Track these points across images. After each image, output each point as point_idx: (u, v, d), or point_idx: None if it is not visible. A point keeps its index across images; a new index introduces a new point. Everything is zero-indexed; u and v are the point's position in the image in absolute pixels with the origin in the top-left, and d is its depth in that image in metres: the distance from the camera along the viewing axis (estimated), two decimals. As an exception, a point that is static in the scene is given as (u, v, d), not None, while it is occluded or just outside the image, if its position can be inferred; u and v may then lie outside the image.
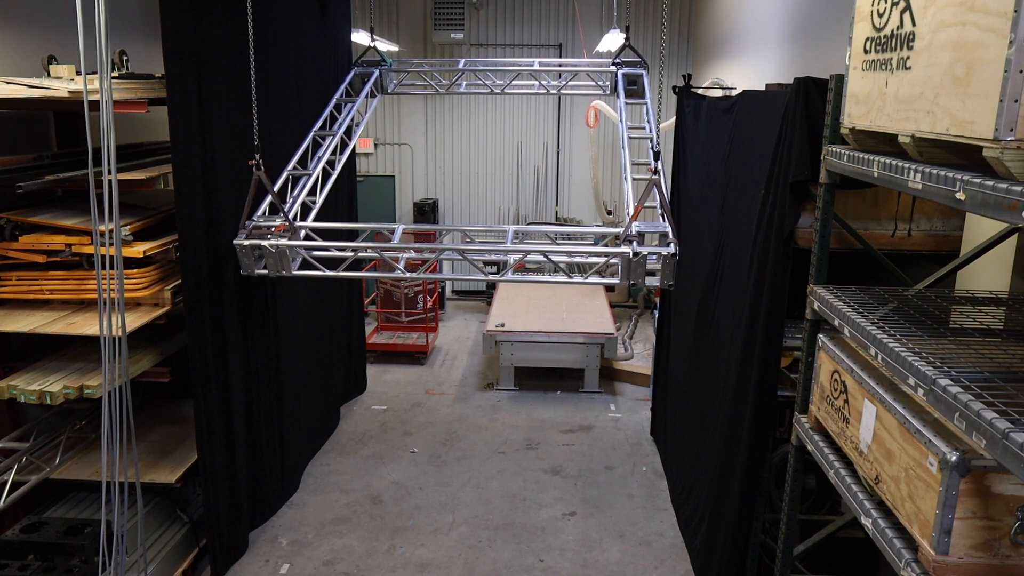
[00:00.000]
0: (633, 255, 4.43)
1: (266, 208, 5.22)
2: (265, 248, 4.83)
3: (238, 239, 4.85)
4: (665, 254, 4.48)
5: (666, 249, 4.49)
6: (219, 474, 5.42)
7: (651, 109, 6.35)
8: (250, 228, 4.93)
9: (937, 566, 2.46)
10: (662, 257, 4.49)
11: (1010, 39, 2.08)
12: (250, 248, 4.86)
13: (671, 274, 4.53)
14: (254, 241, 4.83)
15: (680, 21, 12.05)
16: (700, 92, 7.16)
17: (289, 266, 4.90)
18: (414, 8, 12.27)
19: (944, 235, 4.21)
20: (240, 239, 4.84)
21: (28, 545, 4.61)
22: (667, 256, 4.49)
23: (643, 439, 7.94)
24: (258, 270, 4.93)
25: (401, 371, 9.83)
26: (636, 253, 4.43)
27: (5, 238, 4.85)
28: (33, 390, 4.62)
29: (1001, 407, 2.17)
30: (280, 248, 4.82)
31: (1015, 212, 2.06)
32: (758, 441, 4.63)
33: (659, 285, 4.59)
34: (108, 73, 3.80)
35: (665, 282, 4.56)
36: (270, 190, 4.99)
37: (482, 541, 6.08)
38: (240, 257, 4.90)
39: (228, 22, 5.06)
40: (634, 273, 4.48)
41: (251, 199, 4.95)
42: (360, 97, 6.83)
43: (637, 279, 4.51)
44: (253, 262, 4.91)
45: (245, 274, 4.99)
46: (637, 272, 4.47)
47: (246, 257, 4.88)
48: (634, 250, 4.44)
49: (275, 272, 4.93)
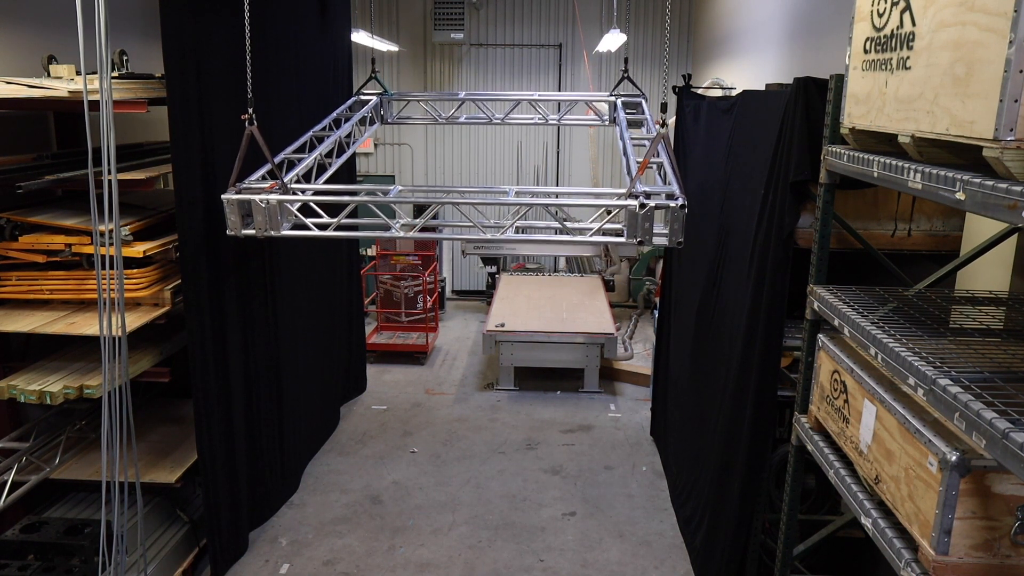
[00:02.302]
0: (640, 207, 4.29)
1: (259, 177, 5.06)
2: (254, 203, 4.58)
3: (227, 194, 4.61)
4: (673, 206, 4.31)
5: (674, 201, 4.33)
6: (219, 474, 5.42)
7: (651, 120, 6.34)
8: (240, 188, 4.72)
9: (937, 566, 2.47)
10: (670, 210, 4.32)
11: (1010, 39, 2.08)
12: (238, 204, 4.61)
13: (680, 230, 4.35)
14: (243, 196, 4.60)
15: (680, 21, 12.04)
16: (700, 92, 7.16)
17: (279, 224, 4.66)
18: (414, 8, 12.27)
19: (944, 235, 4.21)
20: (229, 194, 4.61)
21: (28, 545, 4.61)
22: (675, 208, 4.30)
23: (643, 439, 7.94)
24: (245, 230, 4.68)
25: (401, 371, 9.83)
26: (643, 205, 4.29)
27: (5, 238, 4.85)
28: (33, 390, 4.62)
29: (1001, 407, 2.17)
30: (271, 204, 4.59)
31: (1015, 212, 2.06)
32: (758, 441, 4.63)
33: (667, 243, 4.40)
34: (108, 73, 3.81)
35: (674, 239, 4.37)
36: (263, 147, 4.73)
37: (482, 541, 6.08)
38: (227, 215, 4.63)
39: (228, 22, 5.06)
40: (640, 228, 4.32)
41: (242, 155, 4.68)
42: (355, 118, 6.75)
43: (644, 235, 4.34)
44: (240, 220, 4.65)
45: (231, 234, 4.72)
46: (644, 228, 4.32)
47: (233, 214, 4.62)
48: (641, 201, 4.30)
49: (263, 232, 4.66)
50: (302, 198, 4.73)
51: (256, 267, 5.85)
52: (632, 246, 4.51)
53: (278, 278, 6.24)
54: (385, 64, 12.43)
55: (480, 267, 12.46)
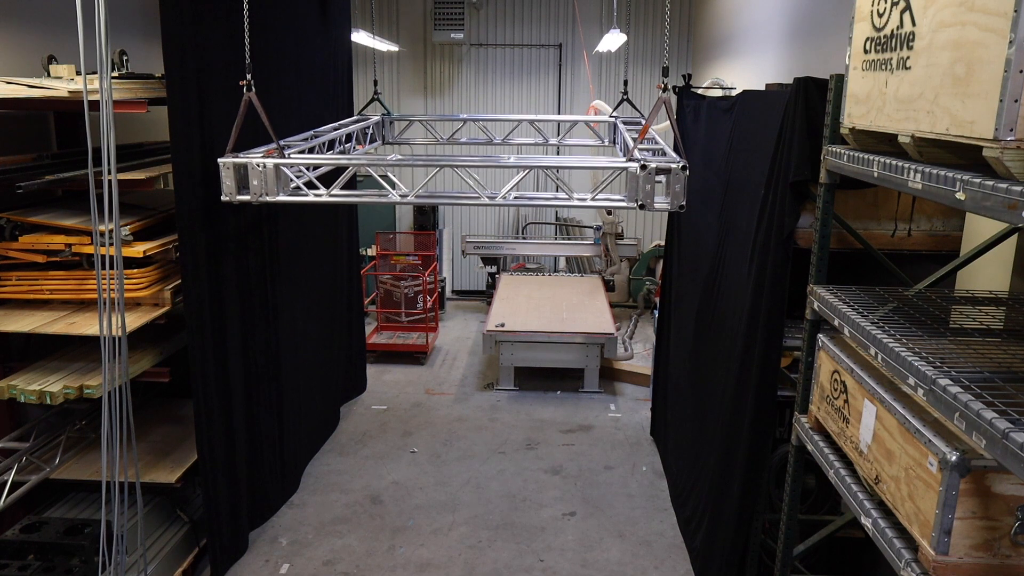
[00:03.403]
0: (641, 168, 4.26)
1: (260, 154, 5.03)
2: (251, 167, 4.55)
3: (224, 158, 4.57)
4: (674, 167, 4.28)
5: (675, 163, 4.31)
6: (219, 474, 5.42)
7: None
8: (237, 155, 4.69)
9: (937, 566, 2.47)
10: (671, 173, 4.28)
11: (1010, 39, 2.08)
12: (235, 168, 4.57)
13: (682, 192, 4.31)
14: (240, 159, 4.57)
15: (680, 21, 12.04)
16: (700, 92, 7.16)
17: (275, 189, 4.63)
18: (414, 8, 12.27)
19: (944, 235, 4.21)
20: (226, 158, 4.57)
21: (28, 545, 4.61)
22: (676, 170, 4.27)
23: (643, 439, 7.94)
24: (240, 195, 4.64)
25: (401, 371, 9.83)
26: (644, 166, 4.27)
27: (5, 238, 4.85)
28: (33, 390, 4.62)
29: (1001, 407, 2.17)
30: (268, 168, 4.55)
31: (1015, 212, 2.06)
32: (758, 441, 4.62)
33: (670, 207, 4.37)
34: (108, 73, 3.81)
35: (676, 202, 4.34)
36: (261, 114, 4.69)
37: (482, 541, 6.08)
38: (223, 179, 4.59)
39: (228, 22, 5.06)
40: (642, 191, 4.31)
41: (240, 121, 4.63)
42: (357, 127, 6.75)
43: (645, 199, 4.32)
44: (235, 186, 4.61)
45: (226, 200, 4.67)
46: (646, 191, 4.31)
47: (229, 179, 4.58)
48: (642, 163, 4.28)
49: (258, 196, 4.63)
50: (300, 160, 4.73)
51: (256, 267, 5.85)
52: (631, 248, 4.50)
53: (278, 278, 6.24)
54: (385, 64, 12.44)
55: (480, 267, 12.46)
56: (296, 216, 6.68)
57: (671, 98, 4.68)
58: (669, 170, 4.28)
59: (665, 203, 4.37)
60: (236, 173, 4.61)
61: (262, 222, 5.94)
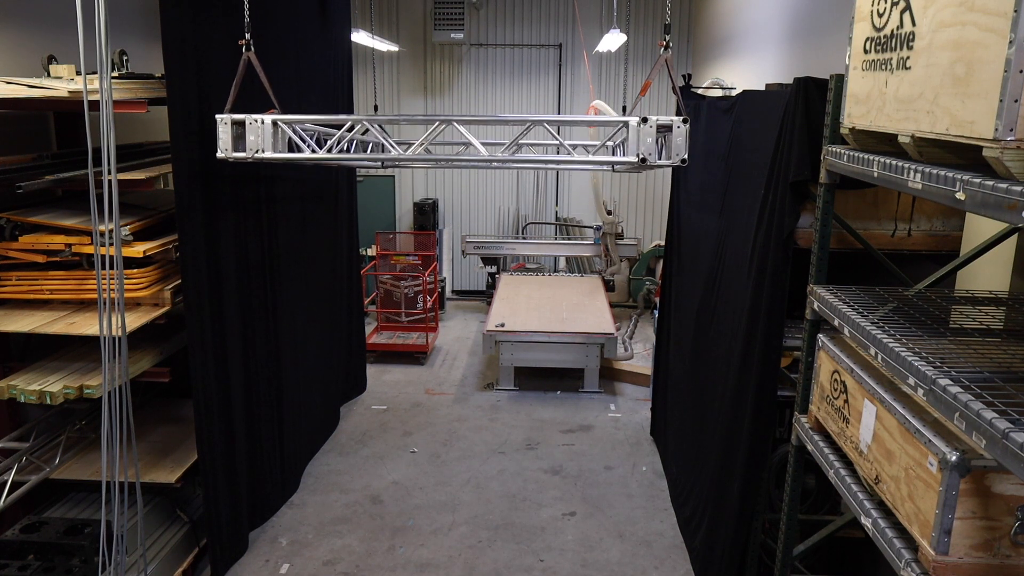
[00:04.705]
0: (641, 121, 4.27)
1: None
2: (248, 122, 4.58)
3: (221, 114, 4.61)
4: (676, 120, 4.30)
5: (676, 117, 4.34)
6: (219, 474, 5.42)
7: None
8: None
9: (937, 566, 2.46)
10: (673, 125, 4.30)
11: (1010, 39, 2.08)
12: (232, 124, 4.60)
13: (684, 145, 4.33)
14: (237, 116, 4.59)
15: (680, 21, 12.05)
16: (700, 92, 7.16)
17: (271, 144, 4.66)
18: (414, 8, 12.27)
19: (944, 235, 4.21)
20: (224, 114, 4.61)
21: (28, 545, 4.60)
22: (678, 122, 4.29)
23: (643, 439, 7.94)
24: (236, 152, 4.66)
25: (401, 371, 9.83)
26: (645, 119, 4.27)
27: (5, 238, 4.85)
28: (33, 390, 4.62)
29: (1001, 407, 2.17)
30: (265, 124, 4.59)
31: (1015, 212, 2.06)
32: (758, 441, 4.63)
33: (672, 161, 4.39)
34: (108, 73, 3.80)
35: (677, 156, 4.35)
36: (260, 74, 4.73)
37: (482, 541, 6.08)
38: (219, 135, 4.62)
39: (228, 22, 5.06)
40: (643, 144, 4.31)
41: (239, 80, 4.68)
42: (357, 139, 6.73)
43: (647, 153, 4.33)
44: (231, 142, 4.64)
45: (221, 156, 4.68)
46: (646, 143, 4.31)
47: (225, 134, 4.62)
48: (642, 117, 4.29)
49: (254, 152, 4.65)
50: (298, 117, 4.74)
51: (256, 267, 5.86)
52: (631, 248, 4.51)
53: (278, 278, 6.24)
54: (385, 64, 12.44)
55: (480, 267, 12.46)
56: (297, 216, 6.69)
57: (671, 56, 4.70)
58: (670, 126, 4.30)
59: (665, 159, 4.38)
60: (233, 129, 4.63)
61: (263, 222, 5.94)
